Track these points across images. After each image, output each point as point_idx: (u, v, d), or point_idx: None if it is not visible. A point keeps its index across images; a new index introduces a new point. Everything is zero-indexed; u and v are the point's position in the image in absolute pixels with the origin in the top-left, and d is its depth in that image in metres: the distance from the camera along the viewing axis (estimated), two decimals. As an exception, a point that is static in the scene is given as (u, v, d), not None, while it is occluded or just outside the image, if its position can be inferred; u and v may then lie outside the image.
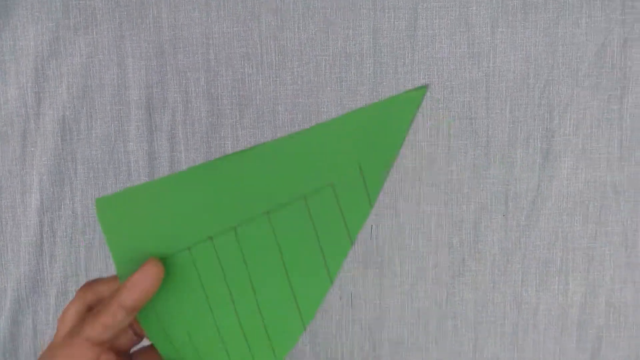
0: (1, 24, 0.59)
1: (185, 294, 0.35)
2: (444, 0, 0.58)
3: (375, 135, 0.31)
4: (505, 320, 0.62)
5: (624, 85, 0.59)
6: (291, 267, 0.34)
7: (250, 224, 0.33)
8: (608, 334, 0.62)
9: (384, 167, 0.32)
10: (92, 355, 0.34)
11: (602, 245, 0.61)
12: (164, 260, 0.35)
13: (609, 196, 0.60)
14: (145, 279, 0.33)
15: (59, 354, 0.35)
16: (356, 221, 0.32)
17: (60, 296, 0.61)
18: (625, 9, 0.58)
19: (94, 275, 0.61)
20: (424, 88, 0.31)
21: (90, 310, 0.36)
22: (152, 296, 0.34)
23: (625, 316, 0.62)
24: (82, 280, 0.62)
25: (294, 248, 0.33)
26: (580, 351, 0.62)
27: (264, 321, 0.35)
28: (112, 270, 0.62)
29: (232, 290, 0.35)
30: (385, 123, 0.31)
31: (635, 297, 0.61)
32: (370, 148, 0.31)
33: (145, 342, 0.40)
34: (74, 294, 0.60)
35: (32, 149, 0.60)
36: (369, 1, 0.59)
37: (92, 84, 0.60)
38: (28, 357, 0.62)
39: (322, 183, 0.32)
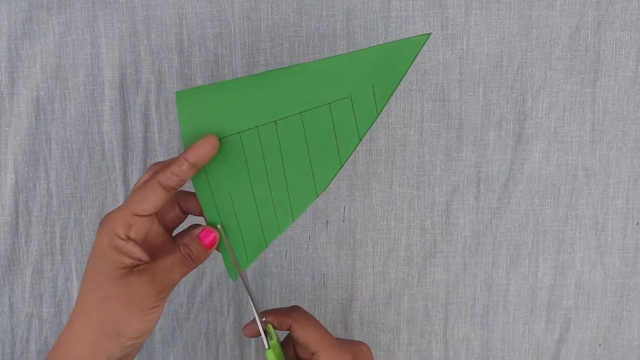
0: (-26, 3, 0.59)
1: (232, 167, 0.47)
2: (418, -19, 0.58)
3: (386, 64, 0.43)
4: (475, 301, 0.63)
5: (597, 68, 0.59)
6: (313, 152, 0.46)
7: (287, 120, 0.45)
8: (577, 314, 0.63)
9: (390, 87, 0.44)
10: (159, 194, 0.43)
11: (572, 228, 0.62)
12: (220, 140, 0.46)
13: (580, 179, 0.61)
14: (206, 143, 0.44)
15: (133, 194, 0.44)
16: (364, 124, 0.45)
17: (36, 275, 0.62)
18: (600, -9, 0.58)
19: (69, 253, 0.62)
20: (428, 34, 0.43)
21: None
22: (208, 160, 0.45)
23: (594, 298, 0.62)
24: (58, 259, 0.62)
25: (317, 139, 0.45)
26: (549, 331, 0.63)
27: (288, 191, 0.47)
28: (86, 249, 0.62)
29: (268, 166, 0.46)
30: (395, 56, 0.43)
31: (603, 279, 0.62)
32: (381, 73, 0.43)
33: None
34: (49, 272, 0.61)
35: (7, 128, 0.60)
36: (342, -18, 0.58)
37: (65, 64, 0.60)
38: (5, 334, 0.63)
39: (342, 95, 0.44)
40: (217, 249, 0.48)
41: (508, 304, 0.63)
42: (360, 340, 0.50)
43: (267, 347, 0.48)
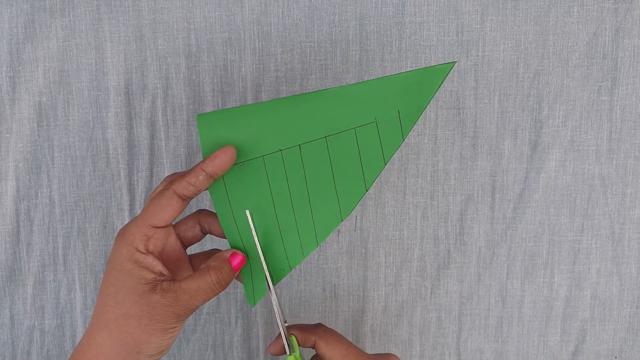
0: (-26, 5, 0.57)
1: (255, 190, 0.46)
2: (433, -14, 0.57)
3: (412, 91, 0.43)
4: (489, 312, 0.62)
5: (614, 76, 0.58)
6: (337, 177, 0.45)
7: (312, 144, 0.45)
8: (592, 327, 0.62)
9: (416, 113, 0.44)
10: (176, 205, 0.43)
11: (588, 238, 0.60)
12: (243, 163, 0.46)
13: (596, 189, 0.60)
14: (223, 154, 0.44)
15: (148, 205, 0.44)
16: (390, 148, 0.45)
17: (38, 285, 0.60)
18: (618, -3, 0.57)
19: (73, 264, 0.60)
20: (453, 62, 0.43)
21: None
22: (225, 170, 0.44)
23: (610, 310, 0.61)
24: (60, 270, 0.60)
25: (342, 163, 0.45)
26: (565, 344, 0.62)
27: (312, 214, 0.46)
28: (89, 259, 0.60)
29: (291, 189, 0.46)
30: (420, 83, 0.43)
31: (620, 290, 0.61)
32: (407, 99, 0.43)
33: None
34: (52, 283, 0.59)
35: (8, 135, 0.58)
36: (355, -14, 0.57)
37: (69, 69, 0.58)
38: (6, 347, 0.61)
39: (368, 120, 0.44)
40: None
41: (523, 315, 0.61)
42: (391, 353, 0.49)
43: (288, 353, 0.47)
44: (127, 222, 0.59)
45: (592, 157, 0.59)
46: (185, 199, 0.44)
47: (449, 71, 0.43)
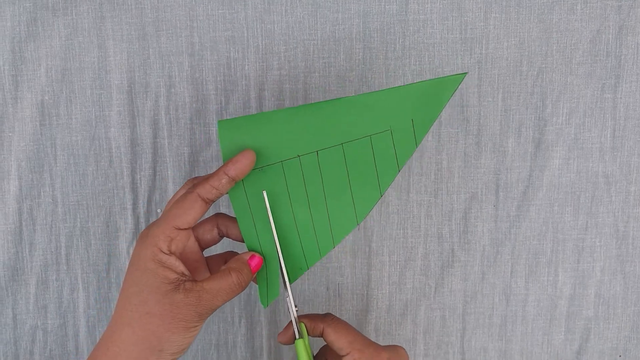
0: (-24, 4, 0.56)
1: (274, 194, 0.48)
2: (437, -17, 0.57)
3: (425, 100, 0.45)
4: (493, 311, 0.61)
5: (618, 73, 0.58)
6: (354, 182, 0.47)
7: (329, 150, 0.47)
8: (597, 325, 0.61)
9: (429, 121, 0.46)
10: (198, 207, 0.45)
11: (592, 236, 0.60)
12: (262, 169, 0.47)
13: (600, 187, 0.60)
14: (244, 158, 0.45)
15: (172, 207, 0.45)
16: (404, 155, 0.47)
17: (40, 285, 0.60)
18: (622, -5, 0.57)
19: (75, 263, 0.60)
20: (465, 73, 0.45)
21: None
22: (247, 173, 0.46)
23: (614, 308, 0.61)
24: (63, 269, 0.60)
25: (358, 169, 0.47)
26: (569, 342, 0.62)
27: (329, 217, 0.48)
28: (92, 259, 0.60)
29: (309, 194, 0.48)
30: (433, 94, 0.45)
31: (624, 289, 0.61)
32: (421, 108, 0.45)
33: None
34: (54, 282, 0.59)
35: (10, 134, 0.58)
36: (359, -16, 0.57)
37: (71, 67, 0.58)
38: (8, 347, 0.61)
39: (383, 128, 0.46)
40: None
41: (527, 314, 0.61)
42: (398, 344, 0.50)
43: (297, 337, 0.48)
44: (129, 221, 0.59)
45: (596, 154, 0.59)
46: (208, 202, 0.45)
47: (461, 81, 0.45)
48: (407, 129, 0.46)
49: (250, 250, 0.49)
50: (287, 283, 0.48)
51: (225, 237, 0.51)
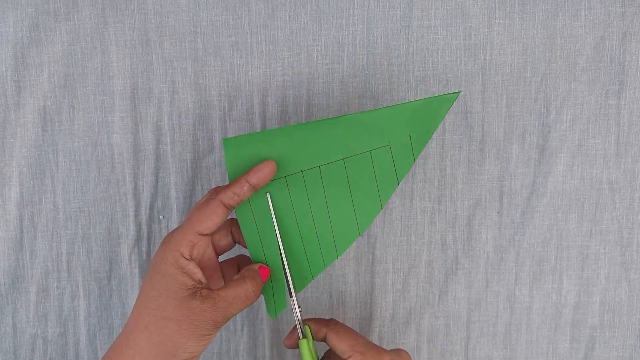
0: (-22, 9, 0.56)
1: (278, 207, 0.50)
2: (440, -10, 0.57)
3: (422, 117, 0.48)
4: (498, 319, 0.61)
5: (622, 80, 0.58)
6: (355, 195, 0.50)
7: (331, 165, 0.49)
8: (602, 333, 0.61)
9: (426, 137, 0.49)
10: (220, 213, 0.46)
11: (597, 243, 0.60)
12: (266, 184, 0.49)
13: (604, 193, 0.59)
14: (266, 167, 0.47)
15: (195, 210, 0.46)
16: (402, 169, 0.49)
17: (41, 293, 0.59)
18: (626, 1, 0.57)
19: (77, 270, 0.59)
20: (458, 92, 0.48)
21: None
22: (267, 182, 0.48)
23: (620, 316, 0.61)
24: (64, 277, 0.59)
25: (359, 183, 0.49)
26: (574, 351, 0.61)
27: (332, 229, 0.50)
28: (94, 266, 0.60)
29: (312, 207, 0.50)
30: (429, 111, 0.48)
31: (629, 296, 0.61)
32: (418, 124, 0.48)
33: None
34: (55, 290, 0.58)
35: (12, 140, 0.58)
36: (362, -10, 0.57)
37: (74, 73, 0.57)
38: (8, 356, 0.60)
39: (382, 144, 0.49)
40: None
41: (531, 322, 0.61)
42: (401, 348, 0.50)
43: (301, 337, 0.49)
44: (131, 227, 0.59)
45: (600, 161, 0.59)
46: (229, 208, 0.46)
47: (455, 99, 0.48)
48: (405, 144, 0.48)
49: (255, 262, 0.50)
50: (291, 285, 0.49)
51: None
